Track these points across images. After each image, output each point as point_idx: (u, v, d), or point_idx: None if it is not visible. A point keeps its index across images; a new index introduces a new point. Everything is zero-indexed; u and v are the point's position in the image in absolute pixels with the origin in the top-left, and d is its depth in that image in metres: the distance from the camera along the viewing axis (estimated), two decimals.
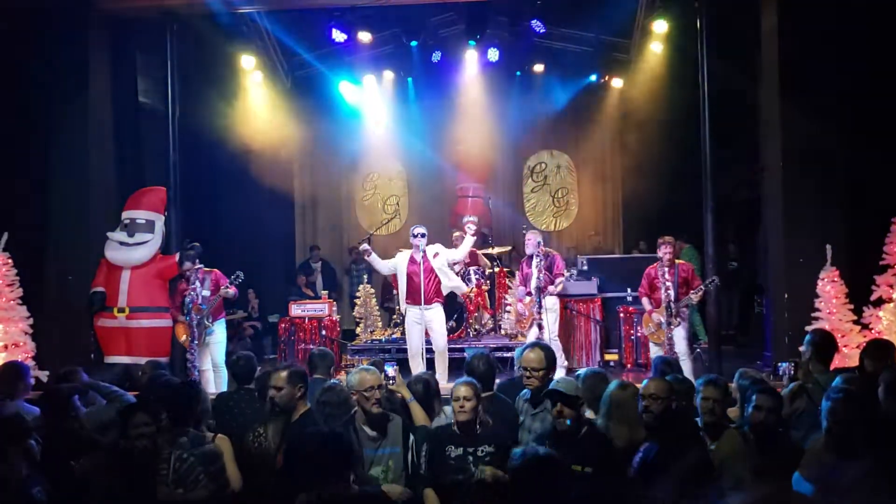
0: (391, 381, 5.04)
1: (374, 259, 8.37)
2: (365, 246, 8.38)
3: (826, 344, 5.51)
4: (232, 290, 8.30)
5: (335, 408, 4.84)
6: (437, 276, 8.17)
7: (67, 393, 5.01)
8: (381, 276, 11.67)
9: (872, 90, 8.08)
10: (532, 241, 8.71)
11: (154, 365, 6.43)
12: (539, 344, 5.35)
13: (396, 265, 8.33)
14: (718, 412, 4.51)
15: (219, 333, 8.42)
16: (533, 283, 8.55)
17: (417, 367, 7.89)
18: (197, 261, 8.33)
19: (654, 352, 8.14)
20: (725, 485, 4.05)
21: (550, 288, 8.61)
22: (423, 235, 8.15)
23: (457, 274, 10.15)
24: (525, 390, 5.00)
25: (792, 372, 5.31)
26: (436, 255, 8.23)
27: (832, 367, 5.53)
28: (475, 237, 8.80)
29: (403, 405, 5.01)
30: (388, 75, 13.01)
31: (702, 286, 8.05)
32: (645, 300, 8.25)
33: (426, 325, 8.18)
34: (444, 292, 8.36)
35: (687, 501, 3.72)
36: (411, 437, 4.57)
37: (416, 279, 8.08)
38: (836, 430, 3.84)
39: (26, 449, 4.16)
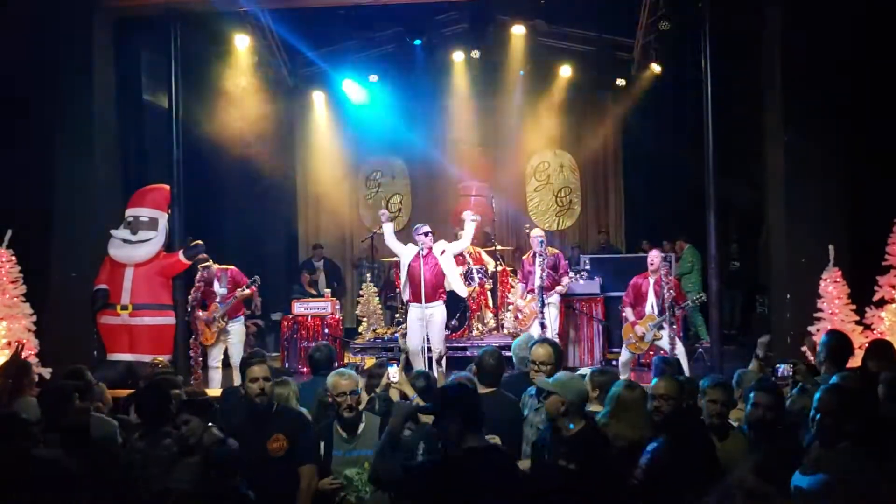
0: (394, 382, 5.05)
1: (388, 230, 8.48)
2: (384, 211, 8.60)
3: (841, 347, 5.49)
4: (249, 291, 8.46)
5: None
6: (441, 274, 8.23)
7: (68, 390, 5.00)
8: (385, 275, 11.74)
9: (876, 92, 8.07)
10: (536, 239, 8.73)
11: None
12: (547, 339, 5.41)
13: (402, 254, 8.39)
14: (724, 413, 4.50)
15: (235, 333, 8.48)
16: (536, 282, 8.59)
17: (419, 365, 7.90)
18: (203, 262, 8.38)
19: (626, 356, 8.34)
20: (731, 485, 4.05)
21: (558, 288, 8.71)
22: (427, 234, 8.22)
23: (461, 273, 10.21)
24: (532, 386, 5.01)
25: (790, 373, 5.30)
26: (442, 252, 8.30)
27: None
28: (475, 222, 8.73)
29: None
30: (392, 74, 13.01)
31: (688, 302, 8.18)
32: (628, 310, 8.34)
33: (427, 323, 8.23)
34: (447, 288, 8.40)
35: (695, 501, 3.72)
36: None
37: (420, 277, 8.12)
38: (821, 422, 3.86)
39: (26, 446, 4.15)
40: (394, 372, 5.01)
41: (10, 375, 5.68)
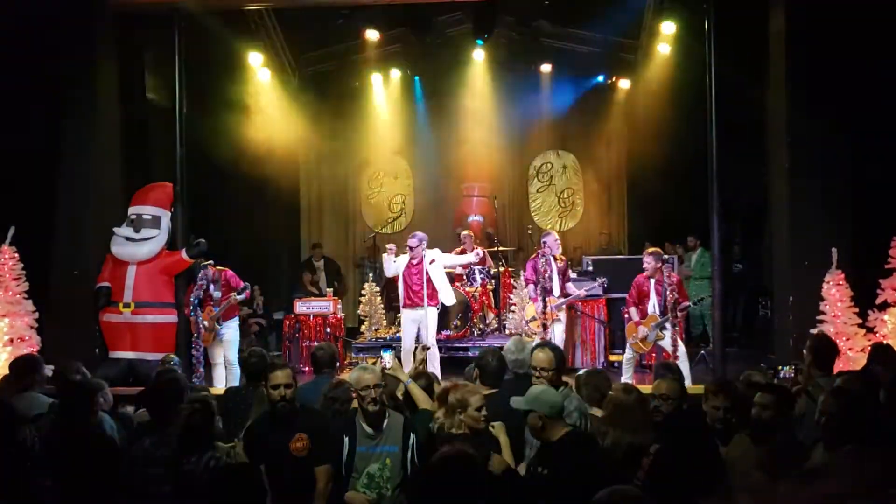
0: (387, 368, 5.07)
1: (389, 259, 8.84)
2: (391, 245, 9.01)
3: (826, 348, 5.49)
4: (242, 297, 8.53)
5: (343, 404, 4.90)
6: (430, 281, 8.51)
7: (93, 388, 5.00)
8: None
9: (880, 94, 8.06)
10: (556, 242, 8.87)
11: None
12: (549, 344, 5.37)
13: (399, 269, 8.71)
14: (728, 416, 4.49)
15: (230, 332, 8.54)
16: (556, 287, 8.69)
17: (408, 363, 7.97)
18: (204, 260, 8.40)
19: (629, 354, 8.32)
20: (736, 488, 4.04)
21: (580, 291, 8.85)
22: (411, 248, 8.55)
23: (462, 274, 10.23)
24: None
25: (793, 375, 5.32)
26: (432, 261, 8.56)
27: (835, 371, 5.52)
28: (478, 256, 9.13)
29: (406, 396, 5.03)
30: (395, 74, 13.02)
31: (688, 303, 8.18)
32: (633, 310, 8.31)
33: (420, 324, 8.52)
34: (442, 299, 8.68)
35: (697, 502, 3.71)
36: (412, 437, 4.52)
37: (412, 283, 8.53)
38: (826, 424, 3.85)
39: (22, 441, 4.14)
40: (388, 358, 5.04)
41: (19, 371, 5.69)
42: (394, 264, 8.81)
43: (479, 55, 12.49)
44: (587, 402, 4.94)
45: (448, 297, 8.67)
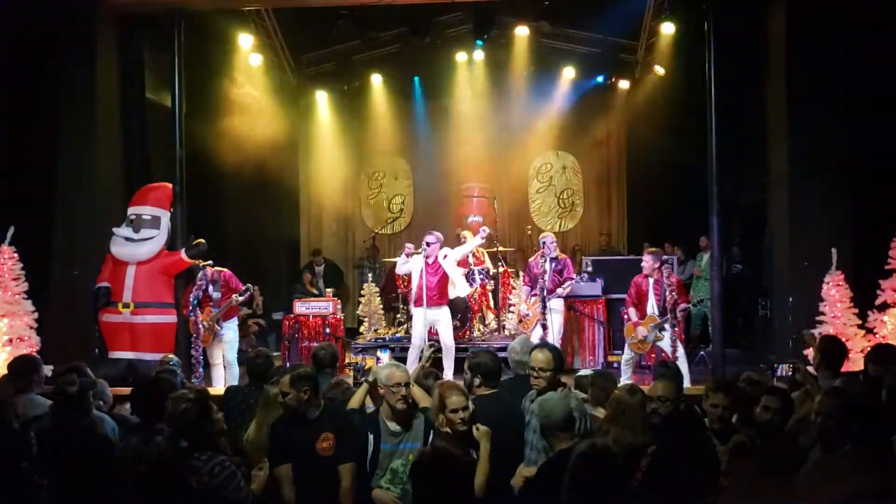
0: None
1: (404, 260, 8.71)
2: (409, 245, 8.83)
3: (835, 350, 5.48)
4: (242, 299, 8.49)
5: (341, 404, 4.91)
6: (445, 279, 8.52)
7: (81, 387, 5.00)
8: (385, 275, 11.74)
9: (880, 93, 8.06)
10: (552, 243, 8.82)
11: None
12: (547, 344, 5.35)
13: (413, 269, 8.66)
14: (727, 417, 4.49)
15: (230, 332, 8.53)
16: (547, 285, 8.65)
17: (415, 359, 8.04)
18: (202, 262, 8.40)
19: (628, 355, 8.30)
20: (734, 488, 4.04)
21: (559, 290, 8.68)
22: (428, 244, 8.50)
23: (464, 274, 10.24)
24: (532, 390, 4.97)
25: (790, 374, 5.30)
26: (445, 256, 8.56)
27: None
28: (483, 239, 8.98)
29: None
30: (395, 74, 13.01)
31: (688, 305, 8.18)
32: (632, 310, 8.26)
33: (433, 324, 8.50)
34: (451, 295, 8.66)
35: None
36: (432, 434, 4.54)
37: (429, 283, 8.47)
38: (823, 425, 3.85)
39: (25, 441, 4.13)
40: (385, 358, 5.06)
41: (17, 371, 5.68)
42: (406, 264, 8.75)
43: (478, 56, 12.50)
44: (593, 402, 4.94)
45: (463, 288, 8.73)
